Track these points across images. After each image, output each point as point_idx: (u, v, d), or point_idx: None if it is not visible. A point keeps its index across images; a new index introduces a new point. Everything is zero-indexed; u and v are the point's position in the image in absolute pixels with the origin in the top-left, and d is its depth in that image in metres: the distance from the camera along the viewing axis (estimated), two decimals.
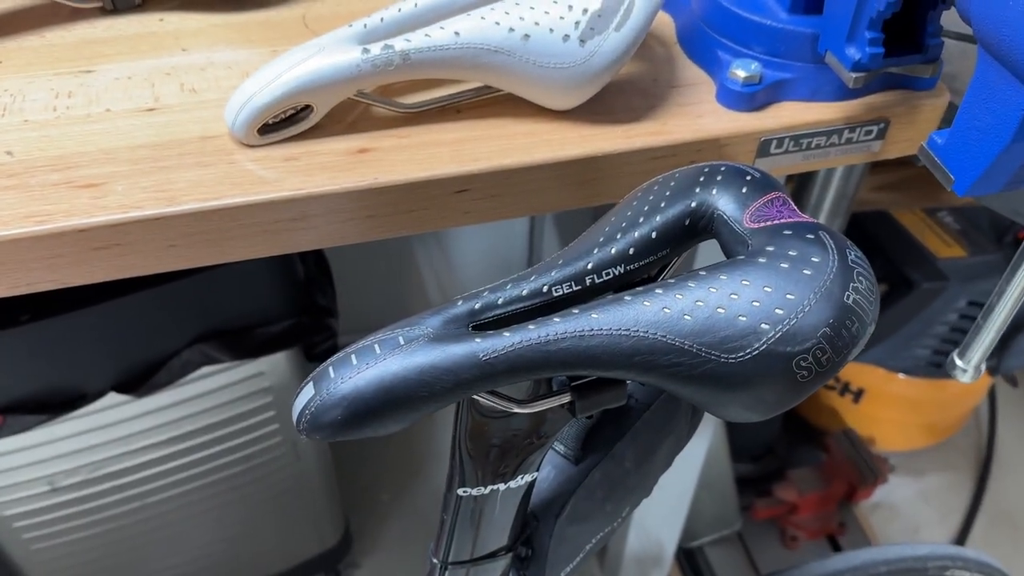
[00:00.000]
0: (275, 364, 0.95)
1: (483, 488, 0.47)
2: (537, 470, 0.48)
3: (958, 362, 0.49)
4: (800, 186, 1.14)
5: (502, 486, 0.47)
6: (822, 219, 1.14)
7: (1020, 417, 1.69)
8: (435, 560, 0.50)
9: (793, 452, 1.51)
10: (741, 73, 0.56)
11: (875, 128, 0.58)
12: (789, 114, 0.57)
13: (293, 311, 0.92)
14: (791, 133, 0.57)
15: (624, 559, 1.24)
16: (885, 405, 1.43)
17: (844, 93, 0.57)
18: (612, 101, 0.57)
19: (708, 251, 0.81)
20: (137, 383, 0.86)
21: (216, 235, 0.51)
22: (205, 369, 0.90)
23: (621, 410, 0.51)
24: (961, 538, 1.49)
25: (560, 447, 0.51)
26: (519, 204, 0.55)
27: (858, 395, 1.43)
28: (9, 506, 0.93)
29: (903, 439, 1.51)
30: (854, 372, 1.41)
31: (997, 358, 1.36)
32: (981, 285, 1.25)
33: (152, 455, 0.96)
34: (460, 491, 0.47)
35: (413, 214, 0.53)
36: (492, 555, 0.51)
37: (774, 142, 0.57)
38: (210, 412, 0.95)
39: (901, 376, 1.38)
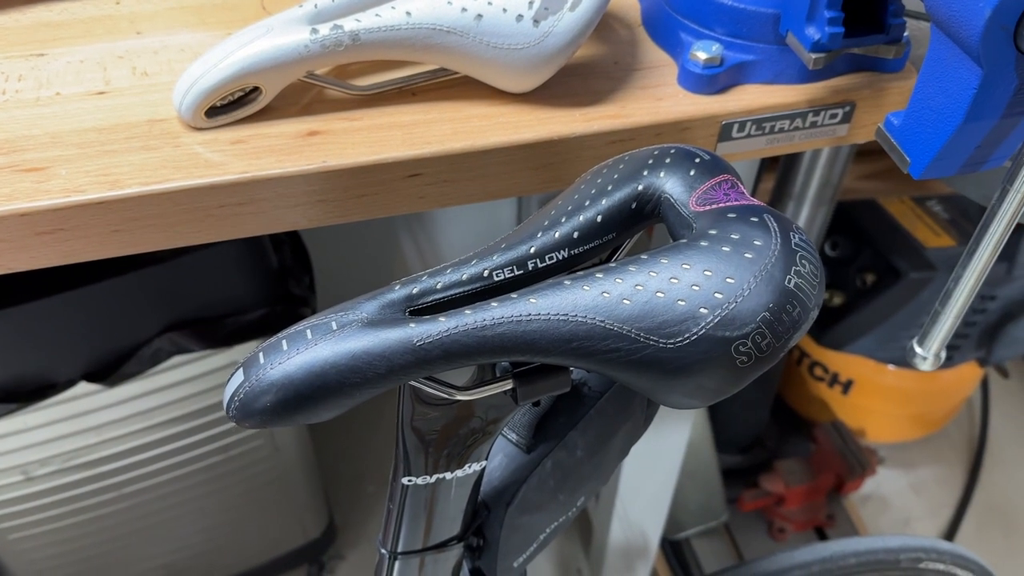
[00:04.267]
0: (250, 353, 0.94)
1: (428, 477, 0.46)
2: (486, 459, 0.47)
3: (917, 350, 0.48)
4: (784, 173, 1.13)
5: (448, 475, 0.46)
6: (806, 207, 1.13)
7: (1013, 409, 1.68)
8: (383, 551, 0.50)
9: (782, 443, 1.50)
10: (702, 55, 0.55)
11: (840, 111, 0.57)
12: (751, 97, 0.56)
13: (266, 300, 0.91)
14: (753, 117, 0.56)
15: (608, 550, 1.23)
16: (875, 396, 1.42)
17: (808, 76, 0.56)
18: (571, 83, 0.56)
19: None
20: (107, 372, 0.86)
21: (160, 220, 0.50)
22: (177, 358, 0.89)
23: (574, 398, 0.50)
24: (951, 531, 1.48)
25: (512, 435, 0.50)
26: (474, 189, 0.54)
27: (847, 386, 1.42)
28: None
29: (893, 431, 1.50)
30: (843, 363, 1.40)
31: (987, 349, 1.35)
32: None
33: (127, 445, 0.95)
34: (405, 480, 0.46)
35: (364, 199, 0.52)
36: (442, 545, 0.50)
37: (736, 126, 0.56)
38: (184, 402, 0.94)
39: (890, 367, 1.37)
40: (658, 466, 1.09)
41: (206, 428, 0.98)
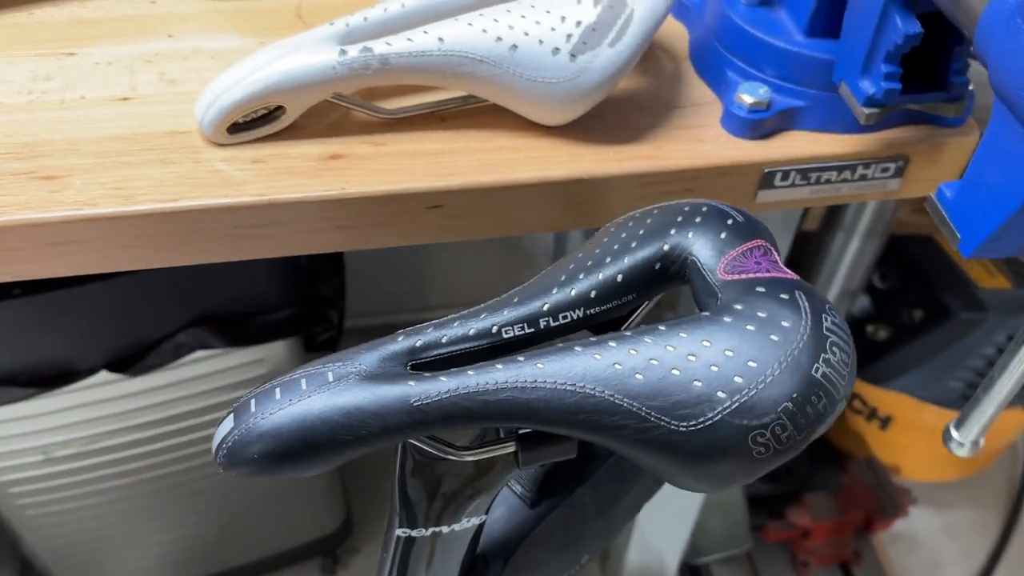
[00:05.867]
0: (274, 351, 0.93)
1: (424, 530, 0.44)
2: (486, 513, 0.45)
3: (954, 435, 0.45)
4: (835, 205, 1.08)
5: (446, 529, 0.44)
6: (856, 239, 1.09)
7: None
8: None
9: (813, 474, 1.45)
10: (748, 98, 0.52)
11: (893, 165, 0.54)
12: (798, 145, 0.53)
13: (293, 300, 0.90)
14: (799, 166, 0.53)
15: (625, 572, 1.21)
16: (913, 435, 1.37)
17: (860, 126, 0.53)
18: (607, 118, 0.54)
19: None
20: (129, 363, 0.85)
21: (174, 238, 0.49)
22: (200, 353, 0.88)
23: (585, 454, 0.48)
24: None
25: (517, 487, 0.48)
26: (497, 224, 0.52)
27: (886, 422, 1.37)
28: (4, 472, 0.93)
29: (930, 470, 1.45)
30: (883, 398, 1.35)
31: None
32: None
33: (146, 433, 0.95)
34: (399, 531, 0.44)
35: (383, 227, 0.51)
36: None
37: (779, 174, 0.53)
38: (206, 395, 0.93)
39: (932, 407, 1.32)
40: (682, 493, 1.07)
41: None
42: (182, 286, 0.83)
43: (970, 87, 0.50)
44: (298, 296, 0.91)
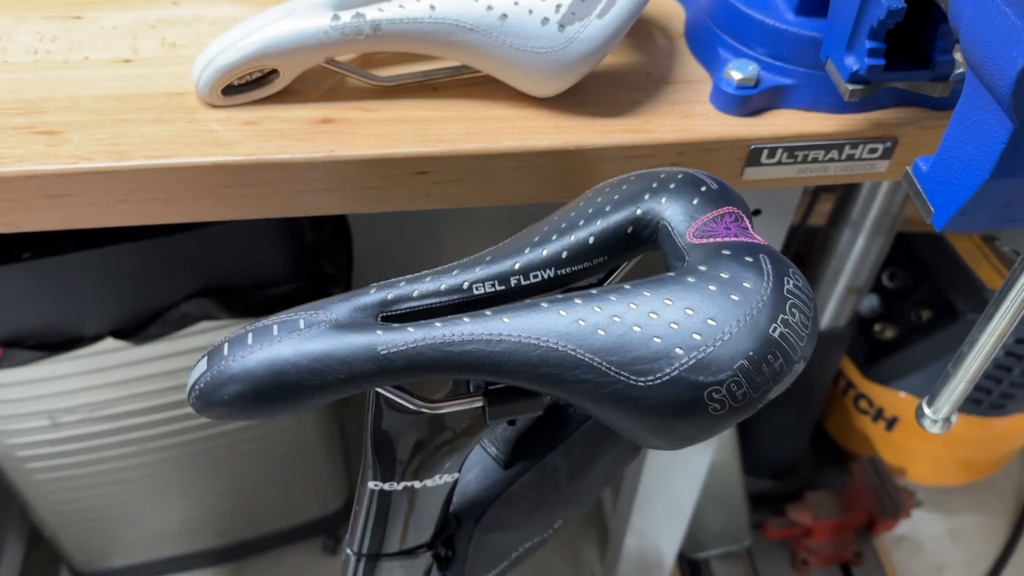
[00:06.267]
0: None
1: (396, 484, 0.45)
2: (459, 471, 0.46)
3: (926, 411, 0.45)
4: (843, 197, 1.08)
5: (417, 484, 0.45)
6: (863, 235, 1.08)
7: None
8: (349, 551, 0.49)
9: (817, 474, 1.45)
10: (736, 74, 0.52)
11: (881, 146, 0.54)
12: (785, 122, 0.53)
13: (296, 276, 0.91)
14: (785, 143, 0.53)
15: (622, 561, 1.22)
16: (920, 436, 1.36)
17: (849, 105, 0.53)
18: (597, 92, 0.54)
19: None
20: (134, 331, 0.87)
21: (164, 194, 0.50)
22: (204, 324, 0.90)
23: (559, 418, 0.49)
24: None
25: (491, 448, 0.49)
26: (483, 192, 0.53)
27: (892, 423, 1.36)
28: (12, 435, 0.95)
29: (936, 473, 1.44)
30: (889, 398, 1.34)
31: None
32: None
33: (151, 402, 0.97)
34: (372, 484, 0.45)
35: (370, 191, 0.52)
36: (409, 552, 0.49)
37: (765, 151, 0.53)
38: None
39: None
40: (678, 484, 1.07)
41: None
42: (189, 257, 0.85)
43: (960, 70, 0.50)
44: (302, 272, 0.93)
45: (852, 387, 1.40)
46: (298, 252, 0.92)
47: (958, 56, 0.48)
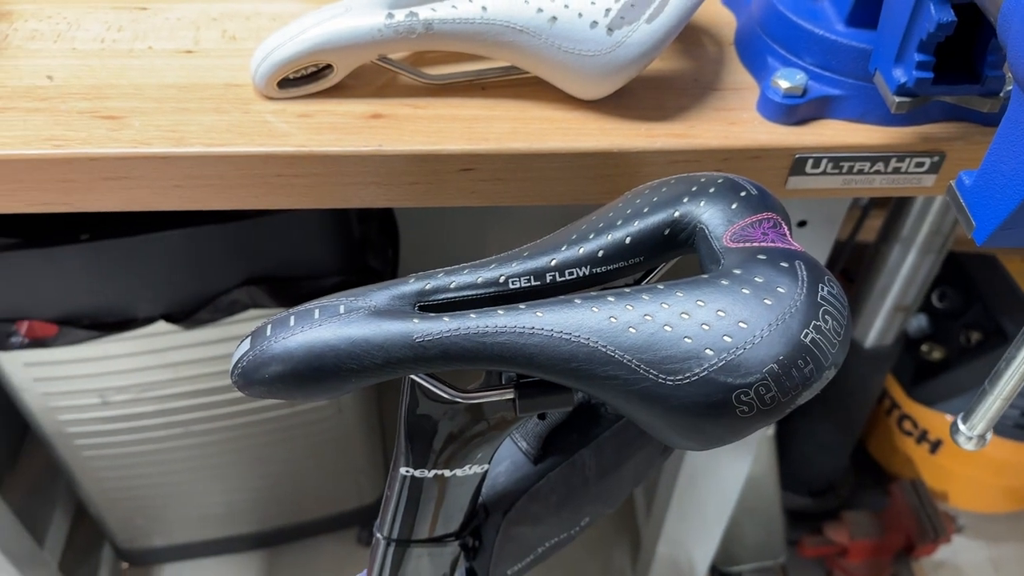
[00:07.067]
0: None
1: (427, 471, 0.46)
2: (489, 463, 0.46)
3: (961, 427, 0.45)
4: (894, 213, 1.07)
5: (448, 472, 0.46)
6: (913, 253, 1.07)
7: None
8: (379, 535, 0.50)
9: (857, 493, 1.43)
10: (784, 83, 0.52)
11: (928, 160, 0.53)
12: (832, 133, 0.53)
13: (342, 269, 0.93)
14: (830, 154, 0.53)
15: (654, 569, 1.21)
16: (964, 461, 1.33)
17: (897, 118, 0.53)
18: (644, 96, 0.55)
19: None
20: (185, 315, 0.90)
21: (219, 181, 0.52)
22: (252, 311, 0.92)
23: (590, 416, 0.49)
24: None
25: (522, 442, 0.50)
26: (527, 191, 0.53)
27: (936, 445, 1.34)
28: (63, 412, 0.99)
29: (980, 500, 1.41)
30: (934, 421, 1.32)
31: None
32: None
33: (198, 385, 0.99)
34: (403, 470, 0.46)
35: (416, 186, 0.53)
36: (438, 540, 0.50)
37: (810, 161, 0.53)
38: None
39: None
40: (713, 493, 1.06)
41: None
42: (241, 246, 0.87)
43: (1010, 87, 0.50)
44: (348, 266, 0.94)
45: (896, 407, 1.37)
46: (345, 246, 0.94)
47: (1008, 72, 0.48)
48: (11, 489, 1.15)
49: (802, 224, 0.69)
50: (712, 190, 0.41)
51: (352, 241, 0.95)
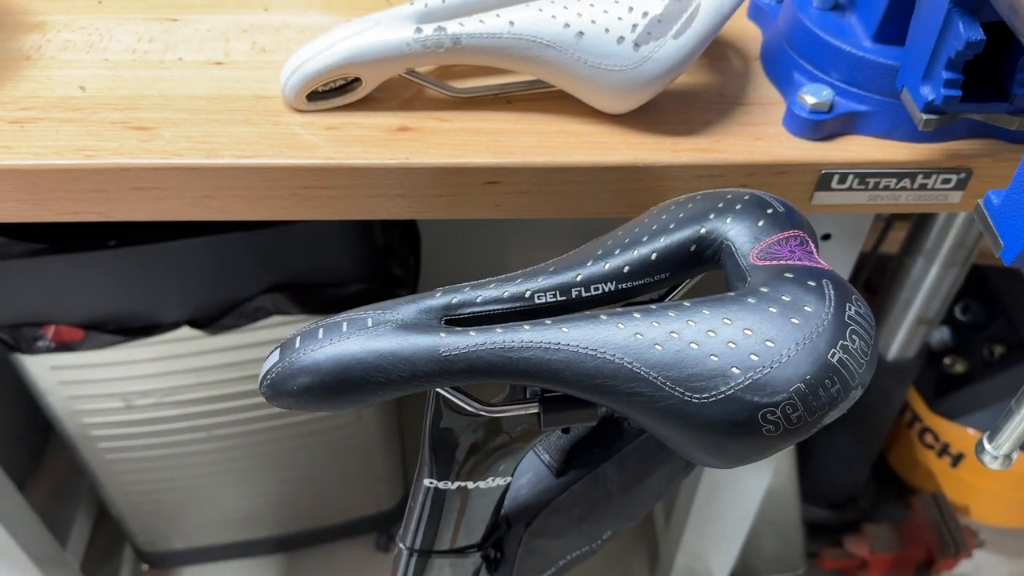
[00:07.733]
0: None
1: (450, 483, 0.46)
2: (512, 475, 0.47)
3: (987, 446, 0.45)
4: (917, 226, 1.06)
5: (471, 484, 0.46)
6: (936, 266, 1.06)
7: None
8: (402, 545, 0.50)
9: (877, 506, 1.42)
10: (810, 99, 0.52)
11: (954, 177, 0.53)
12: (858, 149, 0.53)
13: (365, 277, 0.94)
14: (856, 170, 0.53)
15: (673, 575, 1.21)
16: (986, 475, 1.32)
17: (924, 135, 0.53)
18: (670, 110, 0.55)
19: None
20: (209, 321, 0.90)
21: (248, 192, 0.52)
22: (276, 318, 0.93)
23: (613, 430, 0.50)
24: None
25: (544, 455, 0.50)
26: (551, 204, 0.54)
27: (957, 459, 1.33)
28: (87, 415, 1.00)
29: (1002, 514, 1.40)
30: (956, 434, 1.31)
31: None
32: None
33: (221, 391, 1.00)
34: (427, 482, 0.46)
35: (442, 199, 0.53)
36: (460, 551, 0.50)
37: (836, 176, 0.53)
38: None
39: None
40: (732, 505, 1.06)
41: None
42: (266, 253, 0.88)
43: None
44: (371, 274, 0.95)
45: (918, 420, 1.36)
46: (369, 254, 0.94)
47: None
48: (34, 491, 1.16)
49: (826, 237, 0.69)
50: (739, 207, 0.41)
51: (375, 249, 0.95)
